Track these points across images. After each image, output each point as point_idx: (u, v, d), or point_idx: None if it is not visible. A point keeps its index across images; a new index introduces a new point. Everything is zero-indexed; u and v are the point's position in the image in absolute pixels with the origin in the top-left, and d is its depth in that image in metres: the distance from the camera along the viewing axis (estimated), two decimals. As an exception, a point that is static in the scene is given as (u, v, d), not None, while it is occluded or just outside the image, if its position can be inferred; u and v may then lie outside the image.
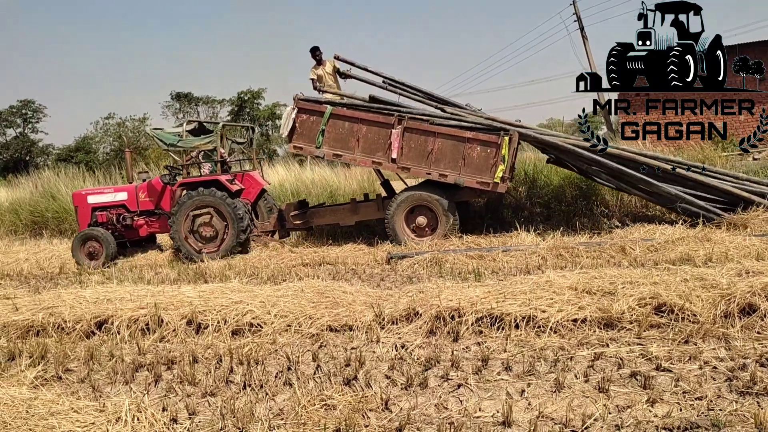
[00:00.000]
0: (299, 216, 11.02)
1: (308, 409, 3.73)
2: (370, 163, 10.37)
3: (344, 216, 10.90)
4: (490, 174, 9.64)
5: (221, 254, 9.79)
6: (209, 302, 5.97)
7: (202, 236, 9.99)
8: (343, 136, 10.27)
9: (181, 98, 44.21)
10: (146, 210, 10.73)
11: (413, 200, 10.05)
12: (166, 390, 4.29)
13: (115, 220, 10.61)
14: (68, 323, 5.84)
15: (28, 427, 3.32)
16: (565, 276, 5.89)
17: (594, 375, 4.10)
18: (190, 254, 9.90)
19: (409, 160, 10.05)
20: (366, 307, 5.73)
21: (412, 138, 9.99)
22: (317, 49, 10.86)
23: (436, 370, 4.37)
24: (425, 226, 10.05)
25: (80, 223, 10.85)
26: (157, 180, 10.76)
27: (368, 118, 10.21)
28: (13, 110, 42.23)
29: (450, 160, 9.84)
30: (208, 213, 9.90)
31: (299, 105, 10.46)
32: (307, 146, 10.50)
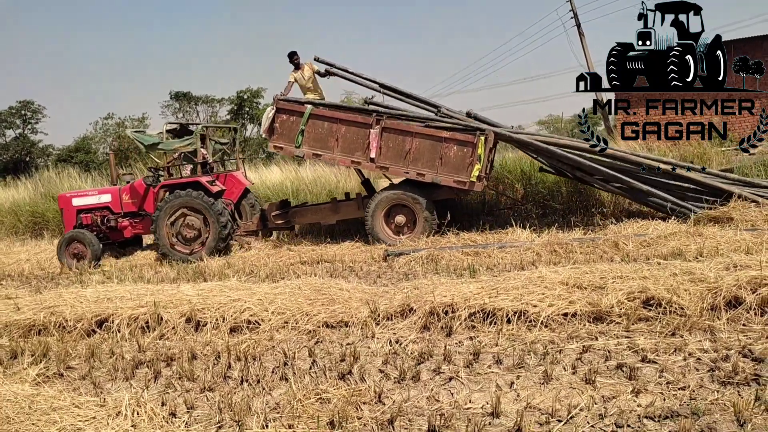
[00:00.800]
0: (281, 215, 11.14)
1: (303, 403, 3.83)
2: (350, 163, 10.53)
3: (325, 215, 11.05)
4: (467, 173, 9.79)
5: (203, 254, 9.83)
6: (208, 300, 6.08)
7: (184, 237, 10.07)
8: (322, 135, 10.41)
9: (180, 98, 44.21)
10: (130, 212, 10.83)
11: (392, 199, 10.20)
12: (166, 386, 4.40)
13: (99, 222, 10.71)
14: (69, 322, 5.95)
15: (30, 421, 3.43)
16: (557, 271, 5.99)
17: (582, 367, 4.20)
18: (172, 254, 10.00)
19: (387, 159, 10.20)
20: (362, 304, 5.84)
21: (390, 138, 10.14)
22: (295, 53, 11.00)
23: (428, 364, 4.48)
24: (404, 224, 10.21)
25: (65, 225, 10.98)
26: (140, 182, 10.85)
27: (347, 118, 10.37)
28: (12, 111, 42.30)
29: (428, 160, 9.98)
30: (190, 214, 10.00)
31: (279, 105, 10.61)
32: (287, 146, 10.64)
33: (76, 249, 10.28)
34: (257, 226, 11.20)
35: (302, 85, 11.06)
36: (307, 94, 11.03)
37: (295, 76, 11.00)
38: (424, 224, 9.97)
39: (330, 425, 3.52)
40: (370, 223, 10.22)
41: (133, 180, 11.12)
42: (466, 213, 11.69)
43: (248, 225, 11.27)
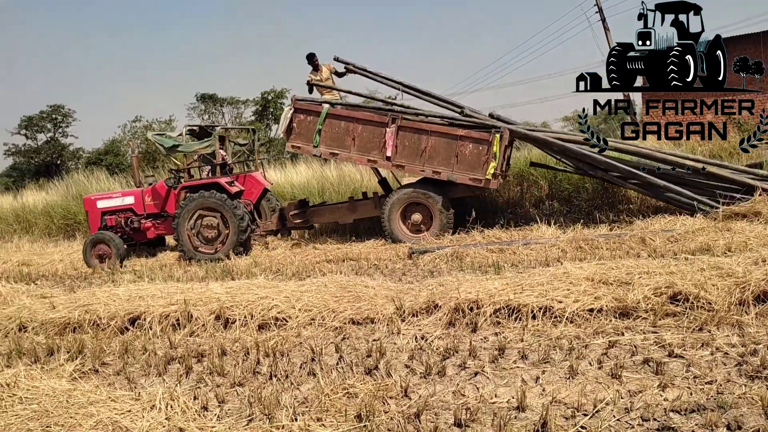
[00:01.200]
0: (299, 215, 11.26)
1: (331, 397, 3.91)
2: (366, 162, 10.63)
3: (343, 214, 11.16)
4: (482, 171, 9.81)
5: (223, 254, 9.98)
6: (236, 298, 6.19)
7: (204, 237, 10.21)
8: (339, 135, 10.53)
9: (206, 99, 44.79)
10: (152, 213, 11.02)
11: (408, 198, 10.26)
12: (197, 381, 4.51)
13: (123, 224, 10.91)
14: (103, 320, 6.11)
15: (68, 414, 3.55)
16: (583, 267, 5.98)
17: (608, 362, 4.21)
18: (193, 255, 10.16)
19: (403, 158, 10.27)
20: (387, 301, 5.90)
21: (405, 136, 10.22)
22: (313, 55, 11.10)
23: (454, 360, 4.52)
24: (420, 222, 10.25)
25: (91, 226, 11.20)
26: (162, 184, 11.03)
27: (363, 118, 10.48)
28: (43, 115, 43.28)
29: (443, 158, 10.04)
30: (209, 215, 10.13)
31: (296, 105, 10.76)
32: (304, 145, 10.79)
33: (101, 250, 10.51)
34: (276, 225, 11.33)
35: (319, 88, 11.14)
36: (325, 95, 11.13)
37: (313, 77, 11.10)
38: (440, 222, 10.01)
39: (357, 419, 3.58)
40: (386, 222, 10.30)
41: (155, 182, 11.34)
42: (491, 210, 11.67)
43: (267, 224, 11.41)
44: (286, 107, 10.99)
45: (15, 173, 42.27)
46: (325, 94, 11.13)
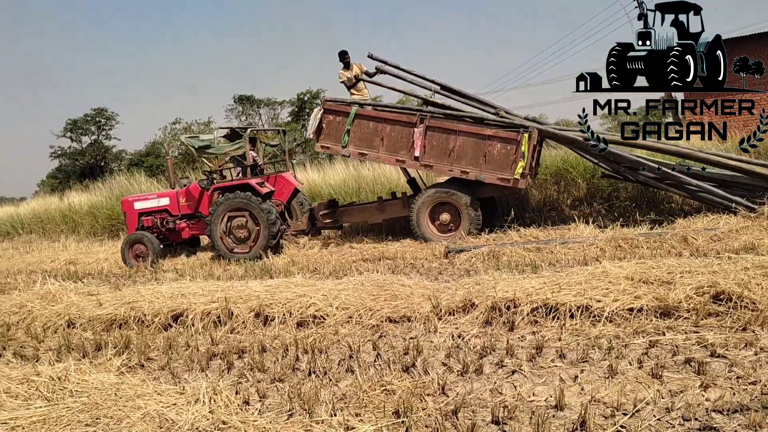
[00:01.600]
0: (329, 215, 11.37)
1: (369, 394, 3.96)
2: (395, 162, 10.68)
3: (372, 214, 11.25)
4: (511, 170, 9.77)
5: (254, 254, 10.20)
6: (275, 296, 6.30)
7: (236, 237, 10.43)
8: (367, 135, 10.61)
9: (243, 101, 45.48)
10: (187, 213, 11.30)
11: (436, 197, 10.27)
12: (238, 376, 4.62)
13: (159, 224, 11.24)
14: (147, 316, 6.30)
15: (117, 407, 3.69)
16: (622, 266, 5.90)
17: (648, 362, 4.16)
18: (225, 254, 10.39)
19: (431, 157, 10.29)
20: (424, 299, 5.92)
21: (434, 136, 10.24)
22: (346, 53, 11.15)
23: (491, 358, 4.53)
24: (449, 222, 10.25)
25: (128, 227, 11.56)
26: (195, 185, 11.31)
27: (391, 118, 10.53)
28: (87, 118, 44.54)
29: (471, 158, 10.03)
30: (242, 215, 10.34)
31: (326, 106, 10.89)
32: (333, 146, 10.90)
33: (139, 250, 10.87)
34: (306, 225, 11.46)
35: (349, 85, 11.23)
36: (354, 95, 11.22)
37: (345, 74, 11.18)
38: (468, 222, 10.01)
39: (395, 415, 3.62)
40: (415, 222, 10.35)
41: (189, 183, 11.62)
42: (527, 209, 11.59)
43: (298, 224, 11.55)
44: (316, 108, 11.12)
45: (61, 175, 43.60)
46: (354, 94, 11.21)
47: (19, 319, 6.80)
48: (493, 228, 10.20)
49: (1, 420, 3.54)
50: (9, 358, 5.46)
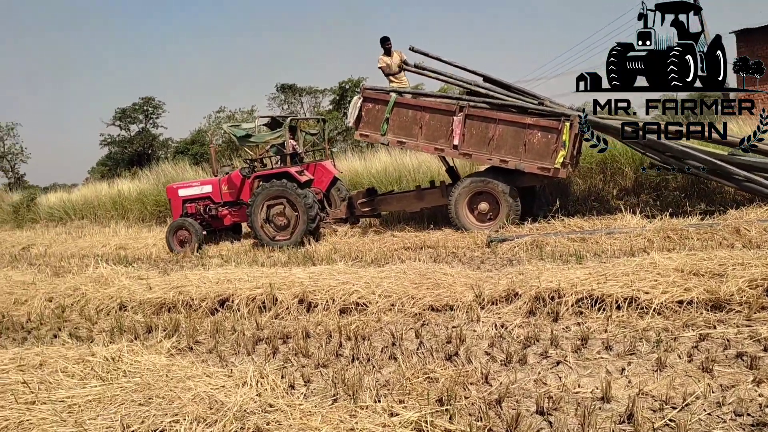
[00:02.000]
0: (367, 203, 11.39)
1: (412, 381, 3.98)
2: (433, 150, 10.64)
3: (410, 203, 11.23)
4: (551, 159, 9.62)
5: (294, 241, 10.34)
6: (318, 283, 6.38)
7: (276, 225, 10.59)
8: (406, 123, 10.58)
9: (285, 89, 45.90)
10: (228, 201, 11.52)
11: (475, 187, 10.20)
12: (283, 361, 4.70)
13: (202, 211, 11.50)
14: (195, 301, 6.46)
15: (168, 387, 3.80)
16: (671, 258, 5.76)
17: (698, 356, 4.06)
18: (266, 242, 10.55)
19: (470, 146, 10.21)
20: (466, 288, 5.91)
21: (473, 125, 10.15)
22: (388, 39, 11.05)
23: (535, 348, 4.49)
24: (487, 211, 10.18)
25: (173, 213, 11.89)
26: (237, 173, 11.53)
27: (431, 106, 10.48)
28: (135, 107, 45.68)
29: (511, 146, 9.92)
30: (281, 203, 10.48)
31: (365, 94, 10.89)
32: (372, 134, 10.91)
33: (182, 236, 11.14)
34: (345, 213, 11.53)
35: (388, 73, 11.17)
36: (392, 82, 11.16)
37: (385, 60, 11.12)
38: (507, 211, 9.93)
39: (438, 402, 3.63)
40: (453, 211, 10.30)
41: (231, 171, 11.82)
42: (571, 199, 11.40)
43: (336, 213, 11.62)
44: (355, 97, 11.14)
45: (110, 162, 44.85)
46: (393, 82, 11.16)
47: (74, 302, 7.06)
48: (535, 218, 10.08)
49: (60, 398, 3.70)
50: (65, 338, 5.68)
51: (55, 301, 7.15)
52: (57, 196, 21.28)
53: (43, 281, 8.03)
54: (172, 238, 11.18)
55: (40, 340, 5.88)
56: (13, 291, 7.59)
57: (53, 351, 4.56)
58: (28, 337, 6.12)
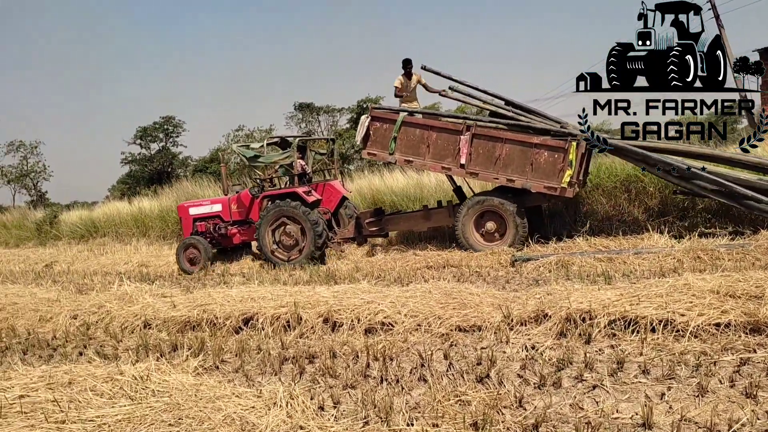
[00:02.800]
0: (374, 223, 11.41)
1: (443, 404, 3.89)
2: (440, 169, 10.68)
3: (417, 223, 11.27)
4: (558, 179, 9.62)
5: (301, 261, 10.42)
6: (343, 302, 6.32)
7: (283, 245, 10.70)
8: (414, 142, 10.64)
9: (303, 108, 46.24)
10: (238, 220, 11.63)
11: (482, 206, 10.19)
12: (311, 381, 4.64)
13: (212, 229, 11.59)
14: (219, 319, 6.43)
15: (198, 408, 3.75)
16: (705, 279, 5.62)
17: (740, 380, 3.93)
18: (273, 260, 10.65)
19: (477, 165, 10.24)
20: (493, 309, 5.81)
21: (480, 144, 10.19)
22: (410, 62, 11.17)
23: (569, 371, 4.38)
24: (494, 231, 10.17)
25: (184, 232, 12.04)
26: (246, 193, 11.66)
27: (438, 125, 10.57)
28: (156, 126, 46.26)
29: (518, 166, 9.93)
30: (288, 223, 10.60)
31: (373, 113, 11.01)
32: (380, 152, 10.97)
33: (192, 254, 11.24)
34: (353, 233, 11.53)
35: (400, 94, 11.26)
36: (404, 102, 11.27)
37: (402, 80, 11.19)
38: (514, 231, 9.90)
39: (473, 427, 3.55)
40: (460, 230, 10.29)
41: (241, 190, 11.90)
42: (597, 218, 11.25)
43: (344, 232, 11.64)
44: (363, 116, 11.24)
45: (130, 180, 45.34)
46: (404, 102, 11.26)
47: (98, 319, 7.07)
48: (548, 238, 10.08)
49: (89, 417, 3.66)
50: (91, 356, 5.67)
51: (79, 318, 7.16)
52: (78, 214, 21.50)
53: (68, 298, 8.05)
54: (182, 256, 11.29)
55: (67, 357, 5.87)
56: (38, 308, 7.63)
57: (82, 369, 4.53)
58: (54, 355, 6.12)
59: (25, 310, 7.59)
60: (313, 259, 10.49)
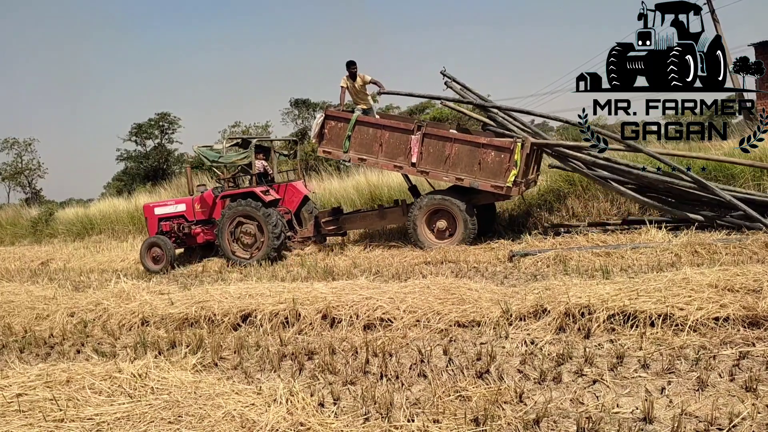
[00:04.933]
0: (332, 222, 11.64)
1: (444, 400, 3.89)
2: (392, 167, 10.97)
3: (373, 221, 11.60)
4: (504, 178, 9.84)
5: (259, 258, 10.58)
6: (341, 298, 6.30)
7: (243, 243, 10.85)
8: (367, 141, 10.89)
9: (299, 104, 46.10)
10: (201, 219, 11.76)
11: (432, 204, 10.42)
12: (310, 378, 4.62)
13: (176, 229, 11.71)
14: (217, 316, 6.40)
15: (198, 405, 3.73)
16: (704, 273, 5.63)
17: (740, 374, 3.94)
18: (233, 259, 10.79)
19: (428, 164, 10.49)
20: (492, 304, 5.81)
21: (430, 143, 10.43)
22: (353, 63, 11.30)
23: (569, 366, 4.38)
24: (445, 229, 10.40)
25: (149, 231, 12.12)
26: (209, 193, 11.80)
27: (390, 125, 10.88)
28: (151, 123, 46.06)
29: (466, 165, 10.20)
30: (247, 222, 10.75)
31: (327, 113, 11.27)
32: (335, 151, 11.21)
33: (155, 253, 11.36)
34: (312, 232, 11.76)
35: (353, 94, 11.47)
36: (358, 103, 11.48)
37: (347, 83, 11.35)
38: (464, 228, 10.12)
39: (474, 422, 3.54)
40: (412, 229, 10.50)
41: (205, 191, 11.97)
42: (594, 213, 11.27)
43: (304, 231, 11.88)
44: (318, 114, 11.52)
45: (126, 177, 45.16)
46: (359, 103, 11.46)
47: (96, 317, 7.03)
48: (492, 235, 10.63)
49: (88, 415, 3.64)
50: (89, 353, 5.65)
51: (77, 316, 7.12)
52: (74, 211, 21.43)
53: (64, 296, 8.02)
54: (146, 255, 11.39)
55: (64, 355, 5.85)
56: (35, 306, 7.59)
57: (80, 367, 4.51)
58: (52, 353, 6.09)
59: (21, 308, 7.56)
60: (269, 258, 10.64)
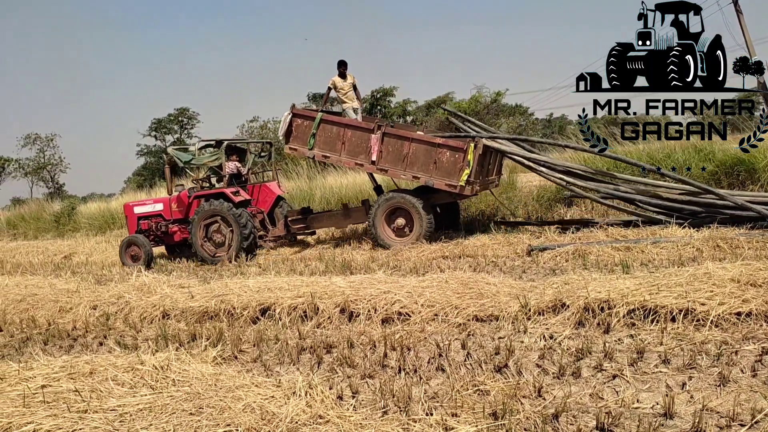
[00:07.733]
0: (300, 221, 11.93)
1: (462, 394, 3.89)
2: (354, 165, 11.26)
3: (339, 220, 11.95)
4: (457, 177, 10.03)
5: (229, 257, 10.74)
6: (359, 292, 6.32)
7: (214, 242, 11.05)
8: (331, 139, 11.19)
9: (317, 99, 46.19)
10: (178, 219, 11.97)
11: (391, 203, 10.66)
12: (329, 371, 4.65)
13: (154, 228, 11.95)
14: (237, 309, 6.46)
15: (218, 397, 3.77)
16: (726, 268, 5.56)
17: (762, 370, 3.89)
18: (205, 258, 11.00)
19: (387, 162, 10.70)
20: (511, 298, 5.79)
21: (390, 142, 10.65)
22: (344, 63, 11.60)
23: (588, 361, 4.36)
24: (404, 226, 10.63)
25: (129, 230, 12.37)
26: (185, 193, 11.99)
27: (352, 124, 11.14)
28: (171, 118, 46.56)
29: (423, 164, 10.40)
30: (217, 222, 10.96)
31: (294, 111, 11.55)
32: (300, 148, 11.51)
33: (134, 251, 11.57)
34: (283, 231, 12.04)
35: (341, 93, 11.69)
36: (345, 102, 11.73)
37: (335, 81, 11.60)
38: (420, 226, 10.38)
39: (493, 416, 3.54)
40: (372, 227, 10.74)
41: (182, 191, 12.11)
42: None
43: (275, 231, 12.16)
44: (285, 112, 11.66)
45: (146, 172, 45.70)
46: (344, 102, 11.72)
47: (118, 309, 7.14)
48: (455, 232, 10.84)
49: (111, 407, 3.70)
50: (111, 345, 5.74)
51: (99, 309, 7.23)
52: (96, 206, 21.72)
53: (87, 289, 8.14)
54: (125, 253, 11.62)
55: (87, 347, 5.95)
56: (58, 299, 7.71)
57: (103, 359, 4.58)
58: (75, 345, 6.19)
59: (44, 301, 7.69)
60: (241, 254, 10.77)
